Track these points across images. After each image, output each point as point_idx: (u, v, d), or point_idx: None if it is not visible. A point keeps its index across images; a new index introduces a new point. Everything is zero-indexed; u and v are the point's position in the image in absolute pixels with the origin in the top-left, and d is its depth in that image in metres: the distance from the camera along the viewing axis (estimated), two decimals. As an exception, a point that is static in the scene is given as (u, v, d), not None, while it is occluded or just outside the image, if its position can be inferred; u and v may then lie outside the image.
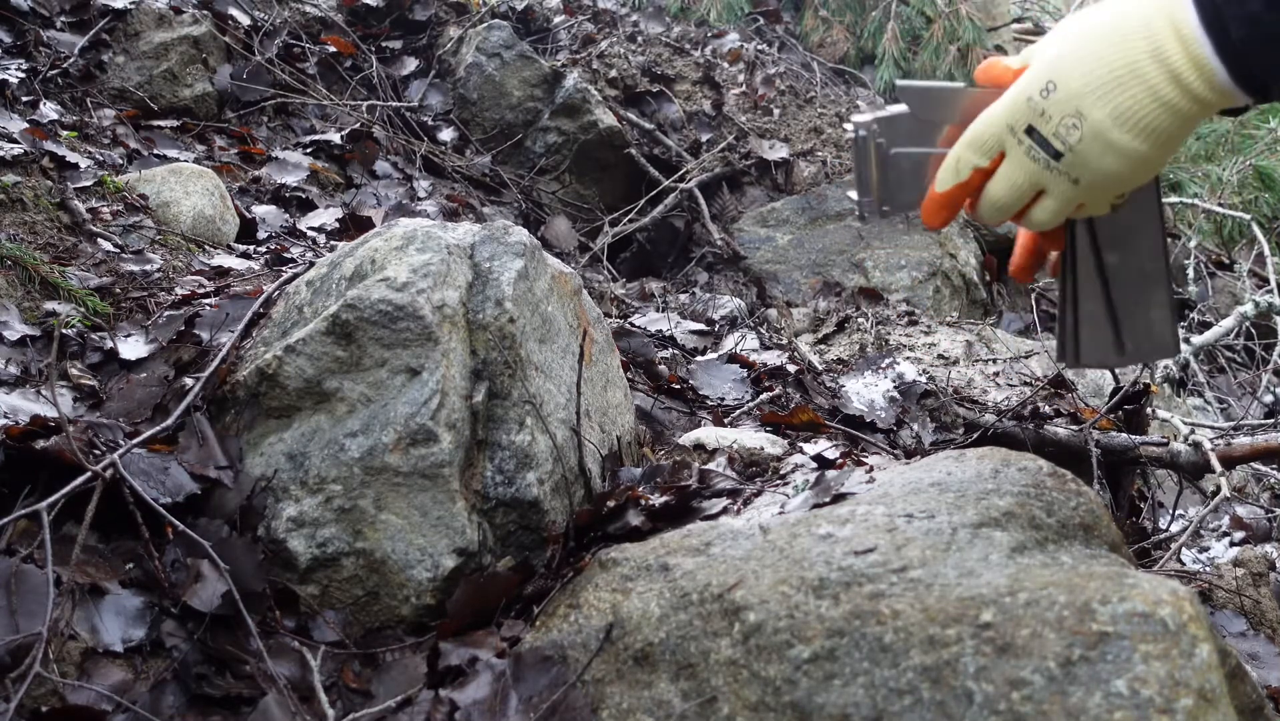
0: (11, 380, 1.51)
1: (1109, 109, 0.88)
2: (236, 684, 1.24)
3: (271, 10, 3.31)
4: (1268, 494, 2.59)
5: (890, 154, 1.04)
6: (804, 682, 0.94)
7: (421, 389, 1.36)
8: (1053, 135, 0.90)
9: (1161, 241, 1.07)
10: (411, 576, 1.34)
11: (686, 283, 3.19)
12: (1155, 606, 0.87)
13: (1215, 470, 1.73)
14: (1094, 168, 0.90)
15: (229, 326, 1.60)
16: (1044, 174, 0.92)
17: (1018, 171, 0.94)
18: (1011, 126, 0.93)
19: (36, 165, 2.10)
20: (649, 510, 1.36)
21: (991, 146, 0.95)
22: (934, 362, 2.50)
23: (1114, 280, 1.06)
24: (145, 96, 2.80)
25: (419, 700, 1.20)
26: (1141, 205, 1.04)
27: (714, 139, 3.65)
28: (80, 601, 1.24)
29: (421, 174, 3.05)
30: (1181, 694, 0.82)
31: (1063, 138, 0.90)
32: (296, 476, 1.37)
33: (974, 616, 0.92)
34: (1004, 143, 0.94)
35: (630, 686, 1.06)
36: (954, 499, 1.13)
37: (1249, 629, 1.69)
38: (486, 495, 1.38)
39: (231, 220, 2.33)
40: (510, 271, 1.46)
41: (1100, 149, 0.89)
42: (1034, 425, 1.92)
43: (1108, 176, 0.91)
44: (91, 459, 1.33)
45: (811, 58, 4.37)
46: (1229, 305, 3.90)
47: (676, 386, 1.98)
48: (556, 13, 3.99)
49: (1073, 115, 0.89)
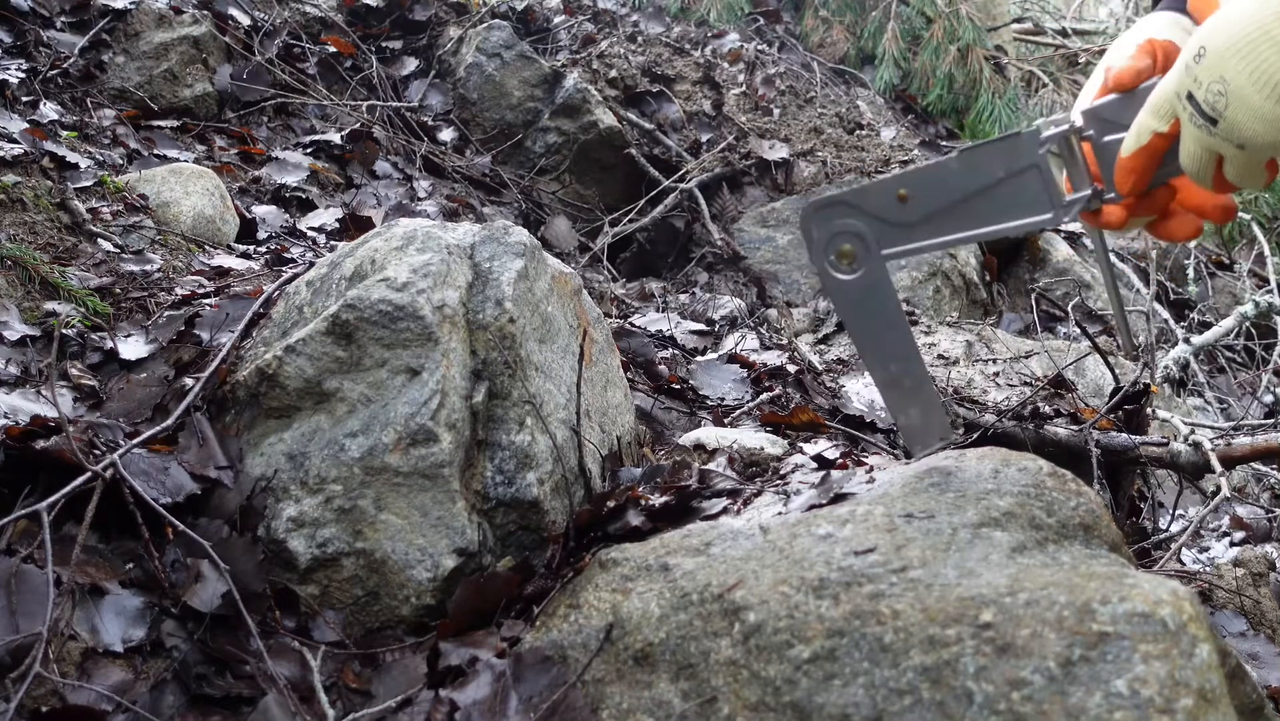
0: (11, 380, 1.51)
1: (1247, 71, 0.86)
2: (236, 684, 1.24)
3: (271, 10, 3.31)
4: (1268, 494, 2.59)
5: (1103, 142, 1.03)
6: (804, 682, 0.94)
7: (421, 389, 1.36)
8: (1204, 101, 0.89)
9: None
10: (411, 576, 1.34)
11: (686, 283, 3.19)
12: (1155, 606, 0.87)
13: (1215, 470, 1.73)
14: (1246, 134, 0.88)
15: (229, 326, 1.60)
16: (1211, 140, 0.91)
17: (1189, 140, 0.93)
18: (1178, 93, 0.92)
19: (36, 165, 2.09)
20: (649, 510, 1.36)
21: (1166, 111, 0.94)
22: (934, 363, 2.50)
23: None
24: (145, 96, 2.80)
25: (419, 700, 1.20)
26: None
27: (714, 139, 3.65)
28: (80, 601, 1.24)
29: (421, 174, 3.05)
30: (1181, 694, 0.82)
31: (1212, 104, 0.89)
32: (296, 476, 1.37)
33: (974, 616, 0.92)
34: (1175, 109, 0.93)
35: (630, 686, 1.06)
36: (954, 499, 1.13)
37: (1249, 629, 1.69)
38: (486, 495, 1.38)
39: (231, 220, 2.33)
40: (510, 271, 1.46)
41: (1246, 115, 0.87)
42: (1034, 425, 1.92)
43: (1260, 143, 0.88)
44: (91, 459, 1.33)
45: (811, 58, 4.37)
46: (1229, 305, 3.89)
47: (676, 386, 1.98)
48: (556, 13, 3.99)
49: (1218, 81, 0.88)
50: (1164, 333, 3.35)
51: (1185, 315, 3.75)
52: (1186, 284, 3.89)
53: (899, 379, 1.17)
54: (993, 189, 1.08)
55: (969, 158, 1.07)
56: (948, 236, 1.10)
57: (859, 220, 1.10)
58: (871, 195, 1.11)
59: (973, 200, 1.08)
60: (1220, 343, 3.36)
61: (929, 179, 1.09)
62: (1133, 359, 2.64)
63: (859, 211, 1.10)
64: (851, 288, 1.12)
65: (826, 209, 1.11)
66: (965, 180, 1.08)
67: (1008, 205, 1.07)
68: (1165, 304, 3.81)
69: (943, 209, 1.08)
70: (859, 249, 1.11)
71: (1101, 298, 3.67)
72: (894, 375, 1.17)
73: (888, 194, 1.10)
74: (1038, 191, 1.04)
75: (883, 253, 1.11)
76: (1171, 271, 4.05)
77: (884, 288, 1.14)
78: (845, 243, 1.11)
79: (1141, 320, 3.28)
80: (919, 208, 1.09)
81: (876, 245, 1.10)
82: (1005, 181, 1.07)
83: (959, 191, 1.08)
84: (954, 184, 1.08)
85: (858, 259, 1.11)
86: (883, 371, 1.17)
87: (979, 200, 1.08)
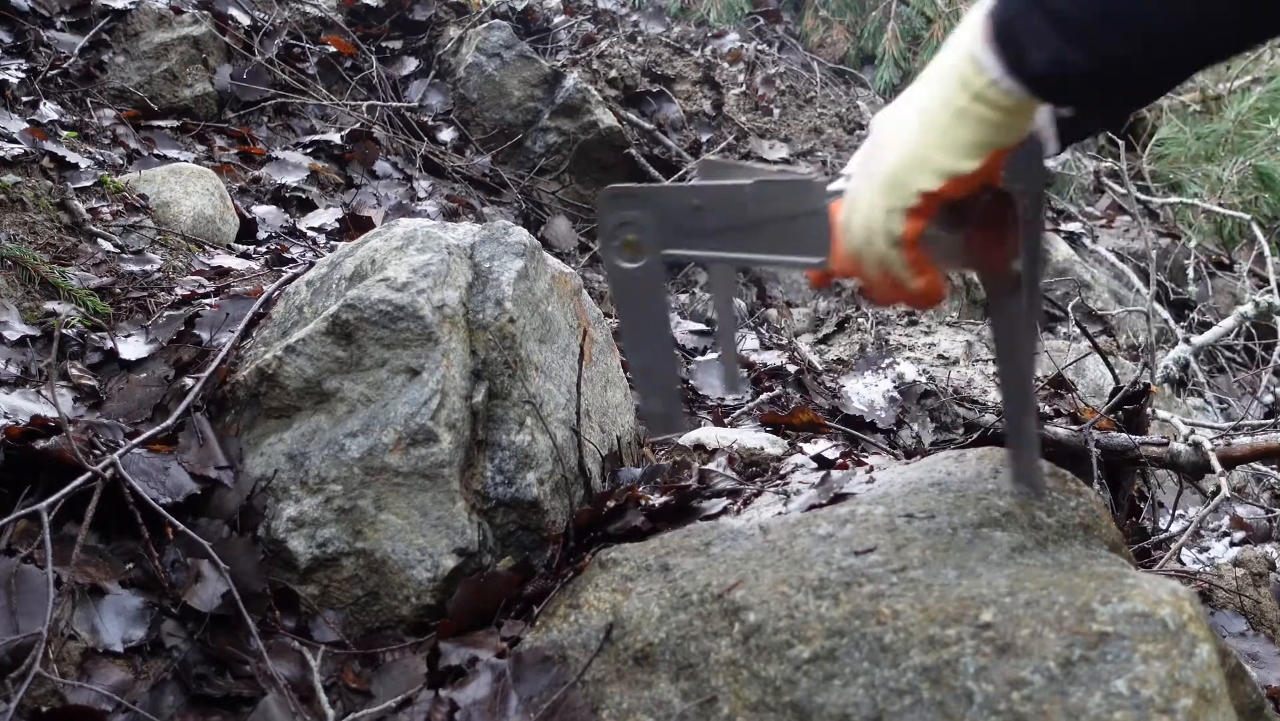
0: (11, 380, 1.51)
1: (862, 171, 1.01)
2: (236, 684, 1.24)
3: (271, 10, 3.31)
4: (1268, 494, 2.59)
5: None
6: (804, 682, 0.94)
7: (421, 389, 1.36)
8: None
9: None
10: (411, 576, 1.34)
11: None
12: (1155, 606, 0.87)
13: (1215, 470, 1.72)
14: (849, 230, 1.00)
15: (229, 326, 1.60)
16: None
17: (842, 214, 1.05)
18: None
19: (36, 165, 2.09)
20: (649, 510, 1.36)
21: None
22: (934, 362, 2.50)
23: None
24: (145, 96, 2.80)
25: (419, 700, 1.20)
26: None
27: (714, 139, 3.65)
28: (80, 601, 1.24)
29: (421, 174, 3.05)
30: (1181, 694, 0.82)
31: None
32: (296, 476, 1.37)
33: (974, 616, 0.92)
34: None
35: (630, 686, 1.06)
36: (954, 499, 1.13)
37: (1249, 629, 1.69)
38: (486, 495, 1.38)
39: (231, 220, 2.33)
40: (510, 271, 1.46)
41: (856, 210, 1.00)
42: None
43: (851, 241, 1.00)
44: (91, 459, 1.33)
45: (811, 58, 4.37)
46: (1229, 305, 3.89)
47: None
48: (556, 13, 3.99)
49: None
50: (1164, 333, 3.34)
51: (1185, 315, 3.75)
52: (1186, 284, 3.88)
53: (652, 368, 1.23)
54: (778, 222, 1.14)
55: (763, 189, 1.13)
56: (728, 254, 1.17)
57: (650, 216, 1.16)
58: (668, 197, 1.18)
59: (758, 227, 1.14)
60: (1220, 343, 3.36)
61: (724, 197, 1.15)
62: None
63: (652, 208, 1.16)
64: (630, 276, 1.18)
65: (623, 197, 1.16)
66: (756, 208, 1.14)
67: (788, 240, 1.13)
68: (1165, 304, 3.81)
69: (730, 228, 1.15)
70: (644, 241, 1.16)
71: (1101, 298, 3.67)
72: (649, 364, 1.23)
73: (684, 201, 1.16)
74: (817, 235, 1.10)
75: (664, 252, 1.16)
76: (1171, 271, 4.05)
77: (658, 282, 1.20)
78: (632, 233, 1.16)
79: (1142, 320, 3.28)
80: (709, 221, 1.15)
81: (660, 243, 1.16)
82: (791, 219, 1.13)
83: (748, 217, 1.14)
84: (745, 208, 1.14)
85: (640, 251, 1.16)
86: (639, 358, 1.24)
87: (764, 229, 1.14)
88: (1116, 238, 4.24)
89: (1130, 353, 3.24)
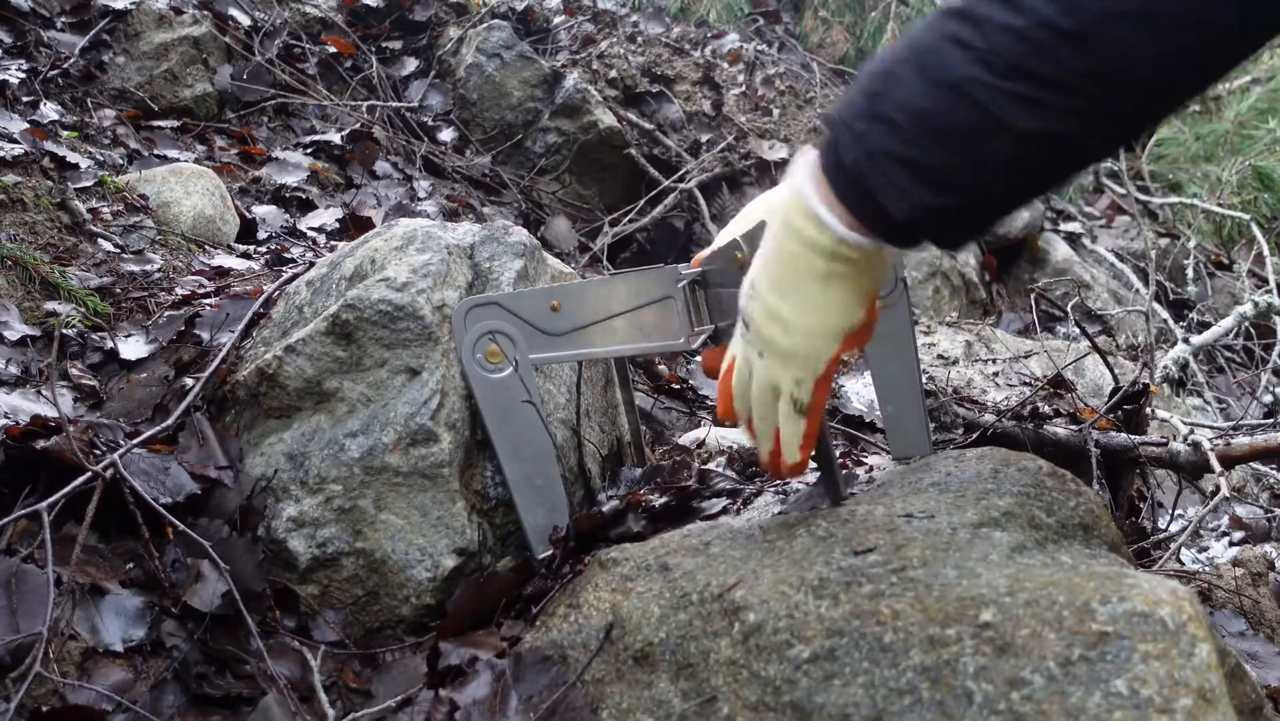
0: (11, 380, 1.51)
1: (766, 280, 0.99)
2: (236, 684, 1.24)
3: (271, 10, 3.31)
4: (1267, 494, 2.59)
5: (712, 292, 1.18)
6: (804, 682, 0.94)
7: (421, 389, 1.36)
8: (744, 311, 1.04)
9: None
10: (411, 576, 1.34)
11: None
12: (1155, 606, 0.87)
13: (1215, 470, 1.72)
14: (765, 338, 1.00)
15: (229, 326, 1.60)
16: (748, 348, 1.05)
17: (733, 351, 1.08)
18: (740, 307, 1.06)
19: (37, 165, 2.10)
20: (649, 510, 1.36)
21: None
22: (934, 362, 2.50)
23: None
24: (145, 97, 2.80)
25: (419, 700, 1.20)
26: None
27: (714, 139, 3.65)
28: (80, 601, 1.24)
29: (421, 174, 3.05)
30: (1181, 693, 0.82)
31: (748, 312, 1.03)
32: (296, 476, 1.38)
33: (974, 616, 0.92)
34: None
35: (630, 686, 1.06)
36: (954, 499, 1.13)
37: (1248, 629, 1.69)
38: (486, 495, 1.38)
39: (231, 220, 2.33)
40: (510, 271, 1.46)
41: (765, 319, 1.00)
42: (1033, 425, 1.92)
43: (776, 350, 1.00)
44: (91, 459, 1.33)
45: (811, 58, 4.38)
46: (1229, 305, 3.90)
47: (676, 386, 1.98)
48: (556, 13, 3.99)
49: (750, 287, 1.02)
50: (1163, 333, 3.35)
51: (1184, 315, 3.75)
52: (1186, 284, 3.89)
53: (531, 478, 1.24)
54: (636, 311, 1.17)
55: (615, 282, 1.16)
56: (592, 349, 1.19)
57: (510, 324, 1.18)
58: (525, 301, 1.20)
59: (618, 319, 1.17)
60: (1219, 343, 3.36)
61: (580, 294, 1.17)
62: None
63: (511, 315, 1.18)
64: (496, 386, 1.20)
65: (480, 308, 1.19)
66: (610, 301, 1.17)
67: (648, 328, 1.16)
68: (1165, 304, 3.81)
69: (590, 323, 1.17)
70: (508, 350, 1.18)
71: (1100, 298, 3.68)
72: (527, 474, 1.24)
73: (541, 302, 1.18)
74: (674, 319, 1.13)
75: (530, 357, 1.18)
76: (1171, 271, 4.05)
77: (527, 388, 1.22)
78: (493, 343, 1.19)
79: (1141, 320, 3.28)
80: (568, 319, 1.17)
81: (525, 349, 1.18)
82: (647, 307, 1.16)
83: (605, 310, 1.17)
84: (601, 302, 1.17)
85: (505, 359, 1.19)
86: (516, 470, 1.24)
87: (624, 320, 1.17)
88: (1116, 237, 4.25)
89: (1129, 353, 3.24)
